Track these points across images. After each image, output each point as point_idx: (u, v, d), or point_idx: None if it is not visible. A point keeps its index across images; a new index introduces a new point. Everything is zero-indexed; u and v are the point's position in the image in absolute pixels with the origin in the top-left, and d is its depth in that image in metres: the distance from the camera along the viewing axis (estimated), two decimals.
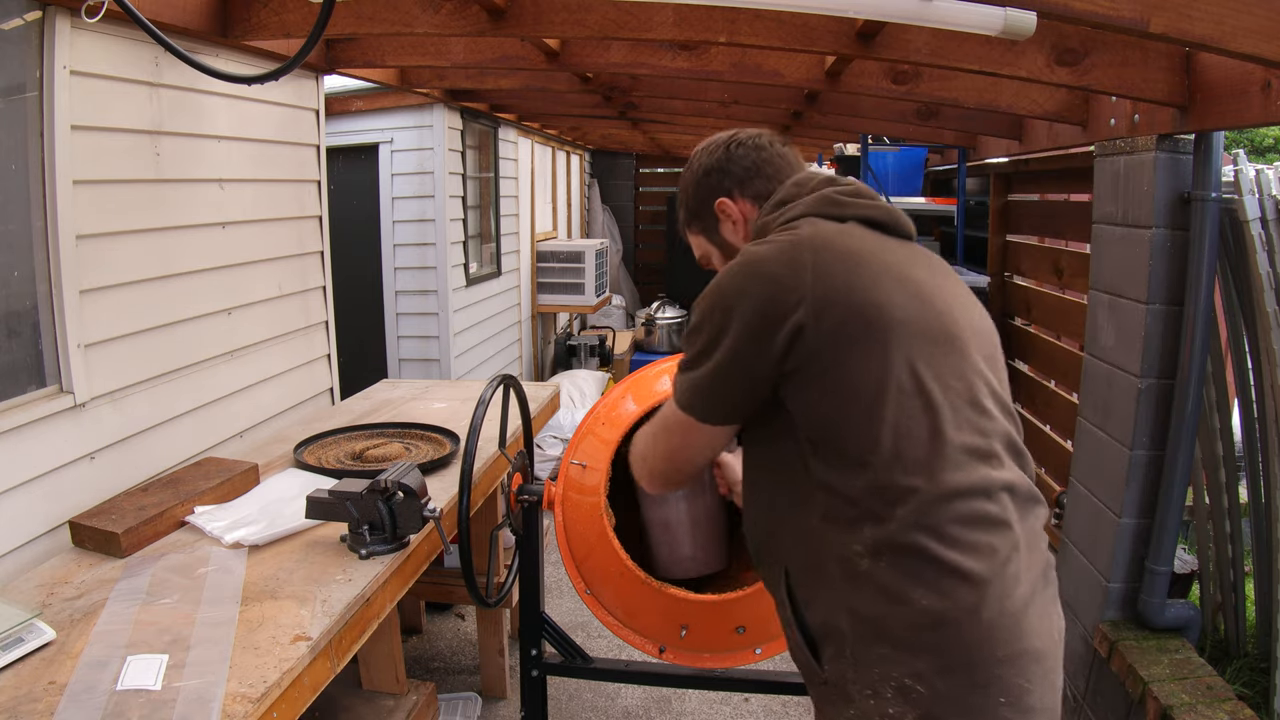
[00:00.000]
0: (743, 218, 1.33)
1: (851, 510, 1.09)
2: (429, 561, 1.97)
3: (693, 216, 1.40)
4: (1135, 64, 2.09)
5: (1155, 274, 2.26)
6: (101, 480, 2.01)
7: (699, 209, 1.37)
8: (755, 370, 1.11)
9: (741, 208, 1.33)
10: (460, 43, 2.96)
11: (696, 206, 1.37)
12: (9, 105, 1.83)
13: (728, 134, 1.36)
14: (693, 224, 1.41)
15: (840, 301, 1.08)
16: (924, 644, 1.06)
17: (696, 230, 1.40)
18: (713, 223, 1.37)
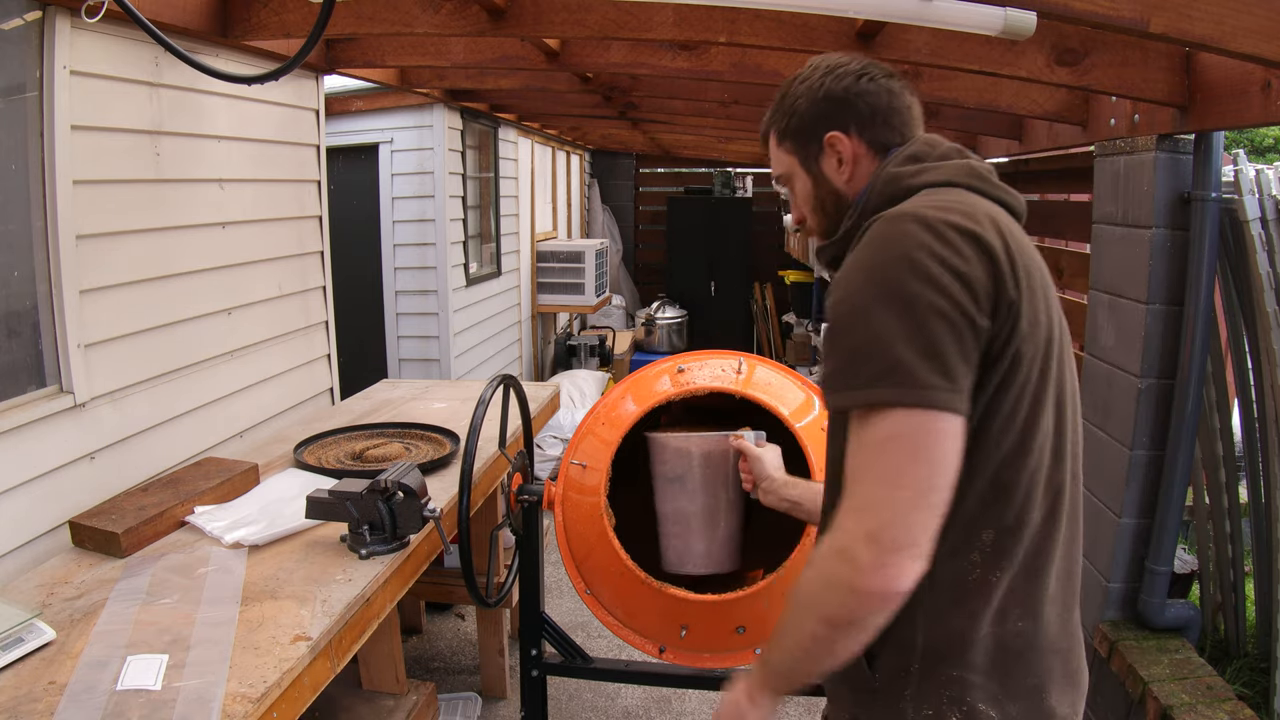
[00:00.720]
0: (853, 159, 1.17)
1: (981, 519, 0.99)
2: (429, 561, 1.97)
3: (792, 136, 1.21)
4: (1135, 64, 2.09)
5: (1155, 274, 2.26)
6: (101, 480, 2.01)
7: (804, 132, 1.19)
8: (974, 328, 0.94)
9: (855, 148, 1.16)
10: (460, 43, 2.96)
11: (801, 128, 1.19)
12: (9, 105, 1.83)
13: (860, 63, 1.18)
14: (787, 142, 1.22)
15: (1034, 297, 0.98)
16: (1008, 668, 1.03)
17: (789, 150, 1.22)
18: (815, 151, 1.19)
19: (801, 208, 1.25)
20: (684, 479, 1.76)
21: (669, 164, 8.99)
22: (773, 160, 1.27)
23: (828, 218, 1.21)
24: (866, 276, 0.96)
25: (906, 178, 1.09)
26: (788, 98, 1.21)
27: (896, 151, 1.14)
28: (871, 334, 0.92)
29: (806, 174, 1.21)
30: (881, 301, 0.93)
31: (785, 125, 1.22)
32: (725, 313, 8.08)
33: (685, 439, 1.76)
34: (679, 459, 1.75)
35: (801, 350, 6.47)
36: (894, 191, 1.08)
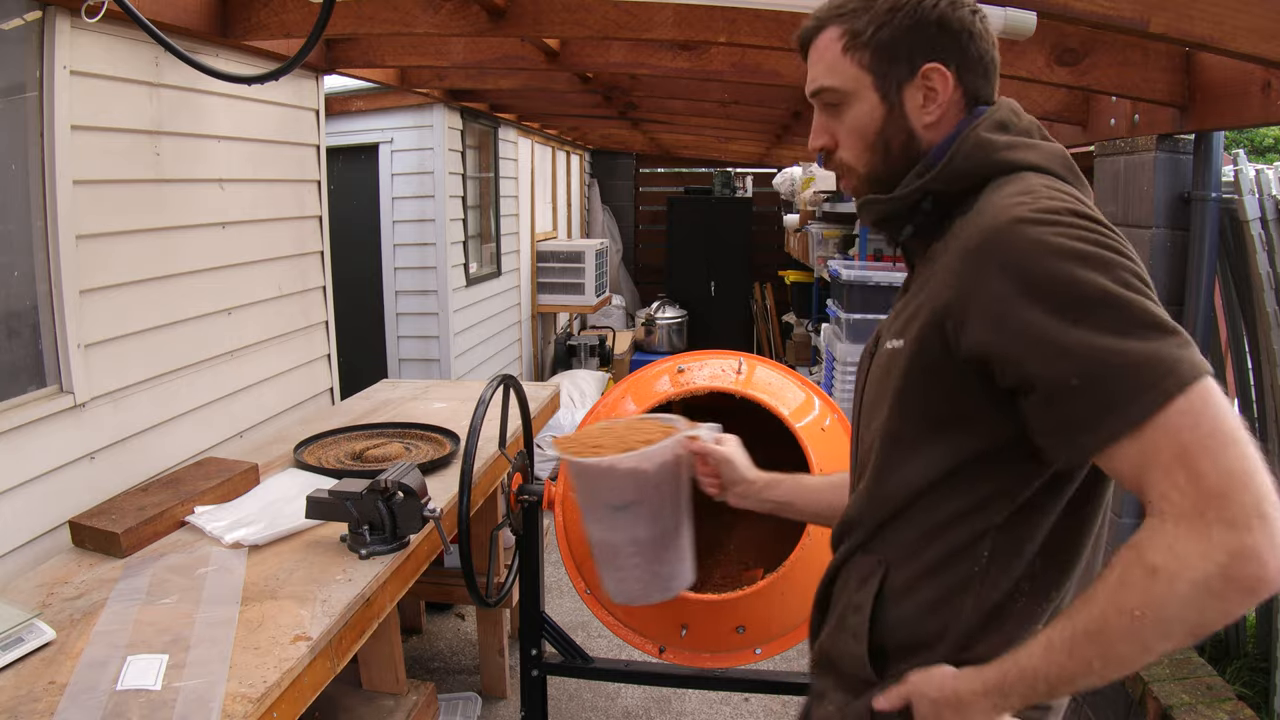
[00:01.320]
0: (945, 102, 0.97)
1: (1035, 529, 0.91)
2: (429, 561, 1.97)
3: (876, 48, 0.96)
4: (1135, 64, 2.10)
5: (1155, 274, 2.26)
6: (101, 480, 2.01)
7: (895, 48, 0.95)
8: None
9: (952, 90, 0.97)
10: (460, 43, 2.97)
11: (894, 43, 0.95)
12: (9, 105, 1.83)
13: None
14: (864, 53, 0.96)
15: None
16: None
17: (863, 64, 0.96)
18: (901, 76, 0.96)
19: (848, 136, 1.00)
20: (639, 504, 1.40)
21: (669, 164, 8.99)
22: (823, 66, 0.99)
23: (888, 160, 0.99)
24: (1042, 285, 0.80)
25: (1000, 149, 0.93)
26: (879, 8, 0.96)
27: (982, 111, 0.98)
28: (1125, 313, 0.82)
29: (881, 100, 0.97)
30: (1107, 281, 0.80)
31: (871, 31, 0.95)
32: (725, 313, 8.08)
33: (637, 458, 1.36)
34: (631, 483, 1.38)
35: (801, 350, 6.47)
36: (986, 161, 0.93)
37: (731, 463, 1.33)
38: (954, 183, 0.94)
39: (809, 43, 1.01)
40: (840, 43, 0.97)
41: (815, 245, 5.47)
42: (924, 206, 0.96)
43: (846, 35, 0.97)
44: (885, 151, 0.99)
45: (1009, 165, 0.93)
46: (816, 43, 1.00)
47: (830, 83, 0.99)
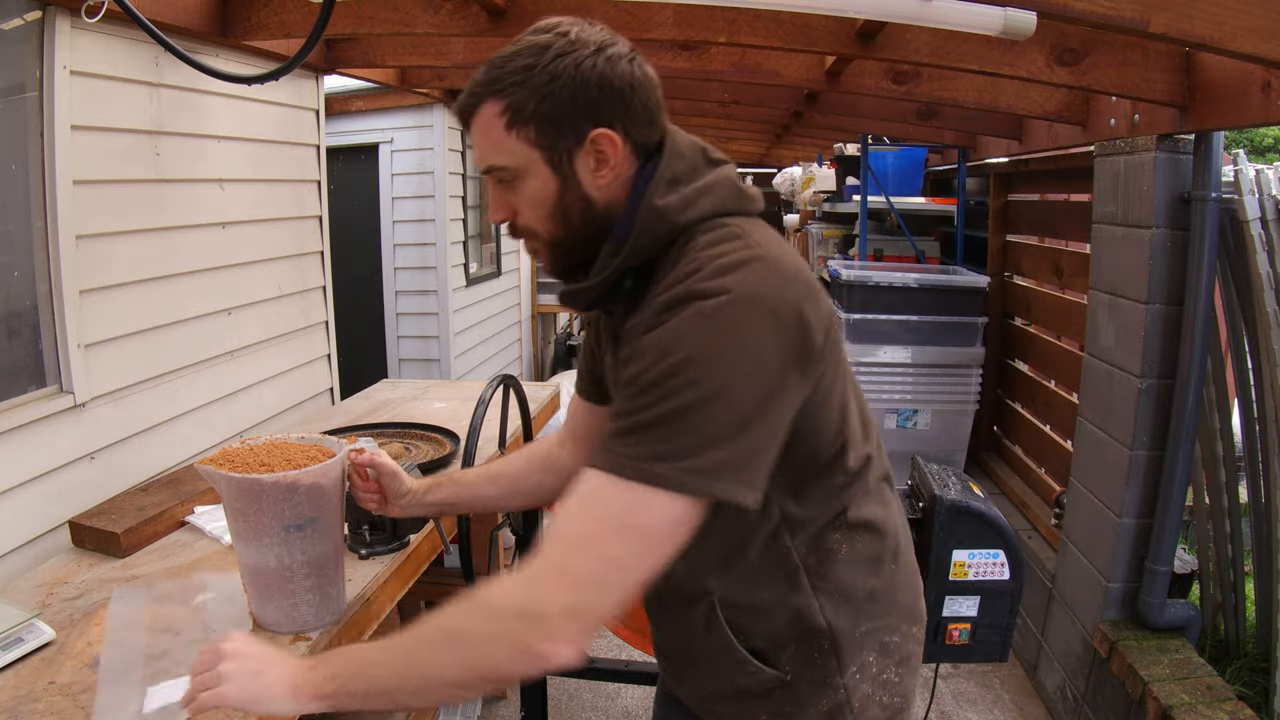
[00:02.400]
0: (617, 163, 0.96)
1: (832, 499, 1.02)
2: (429, 561, 1.97)
3: (539, 122, 0.93)
4: (1135, 64, 2.10)
5: (1155, 274, 2.26)
6: (101, 480, 2.01)
7: (560, 121, 0.93)
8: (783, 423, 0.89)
9: (624, 153, 0.96)
10: (460, 43, 2.97)
11: (556, 115, 0.92)
12: (9, 105, 1.83)
13: (626, 43, 0.97)
14: (527, 128, 0.93)
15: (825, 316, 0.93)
16: (894, 595, 1.10)
17: (527, 140, 0.94)
18: (568, 146, 0.94)
19: (527, 209, 0.98)
20: (317, 521, 1.37)
21: None
22: (489, 144, 0.96)
23: (569, 227, 0.98)
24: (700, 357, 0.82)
25: (675, 214, 0.94)
26: (539, 72, 0.92)
27: (654, 164, 0.97)
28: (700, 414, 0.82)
29: (552, 173, 0.95)
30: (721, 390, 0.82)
31: (534, 106, 0.92)
32: None
33: (319, 473, 1.34)
34: (311, 500, 1.34)
35: None
36: (668, 229, 0.94)
37: (397, 475, 1.35)
38: (644, 255, 0.95)
39: (469, 118, 0.97)
40: (503, 120, 0.94)
41: (815, 245, 5.47)
42: (625, 285, 0.98)
43: (509, 111, 0.93)
44: (565, 220, 0.98)
45: (685, 227, 0.94)
46: (478, 118, 0.96)
47: (500, 161, 0.96)
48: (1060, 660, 2.74)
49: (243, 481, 1.31)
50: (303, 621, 1.44)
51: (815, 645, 1.05)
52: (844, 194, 4.77)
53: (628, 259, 0.95)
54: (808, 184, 5.60)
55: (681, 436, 0.82)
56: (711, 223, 0.95)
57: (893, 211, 4.43)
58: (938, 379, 3.65)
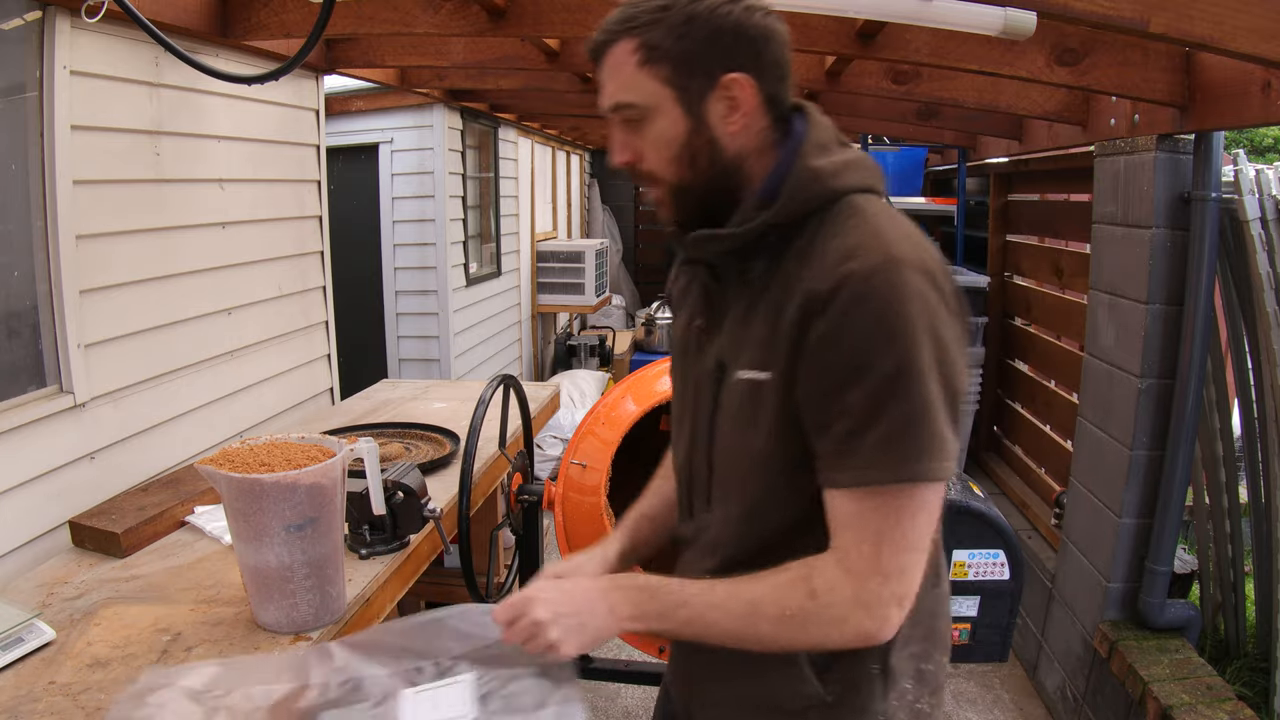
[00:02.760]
0: (748, 111, 0.96)
1: None
2: (429, 561, 1.97)
3: (673, 61, 0.93)
4: (1135, 64, 2.10)
5: (1155, 274, 2.26)
6: (101, 480, 2.01)
7: (694, 61, 0.93)
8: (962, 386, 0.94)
9: (755, 101, 0.96)
10: (460, 43, 2.97)
11: (690, 55, 0.93)
12: (9, 105, 1.83)
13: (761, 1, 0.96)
14: (661, 66, 0.94)
15: None
16: (935, 619, 1.08)
17: (660, 78, 0.94)
18: (701, 88, 0.94)
19: (652, 150, 0.98)
20: (317, 521, 1.38)
21: None
22: (619, 81, 0.96)
23: (695, 171, 0.98)
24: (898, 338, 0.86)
25: (830, 178, 0.95)
26: (676, 12, 0.92)
27: (799, 129, 0.99)
28: (919, 405, 0.87)
29: (683, 113, 0.95)
30: (921, 371, 0.87)
31: (668, 44, 0.92)
32: None
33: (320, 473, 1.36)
34: (312, 499, 1.36)
35: None
36: (821, 192, 0.95)
37: None
38: (793, 215, 0.95)
39: (600, 56, 0.97)
40: (636, 57, 0.94)
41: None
42: (770, 240, 0.97)
43: (643, 49, 0.93)
44: (692, 163, 0.97)
45: (840, 193, 0.95)
46: (609, 56, 0.96)
47: (629, 98, 0.96)
48: (1060, 660, 2.74)
49: (243, 481, 1.31)
50: (303, 621, 1.45)
51: (865, 666, 1.02)
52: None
53: (777, 214, 0.95)
54: None
55: (918, 438, 0.88)
56: (863, 196, 0.96)
57: None
58: None
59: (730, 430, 1.02)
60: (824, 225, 0.94)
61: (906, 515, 0.90)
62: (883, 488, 0.89)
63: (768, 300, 0.96)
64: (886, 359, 0.86)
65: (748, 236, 0.96)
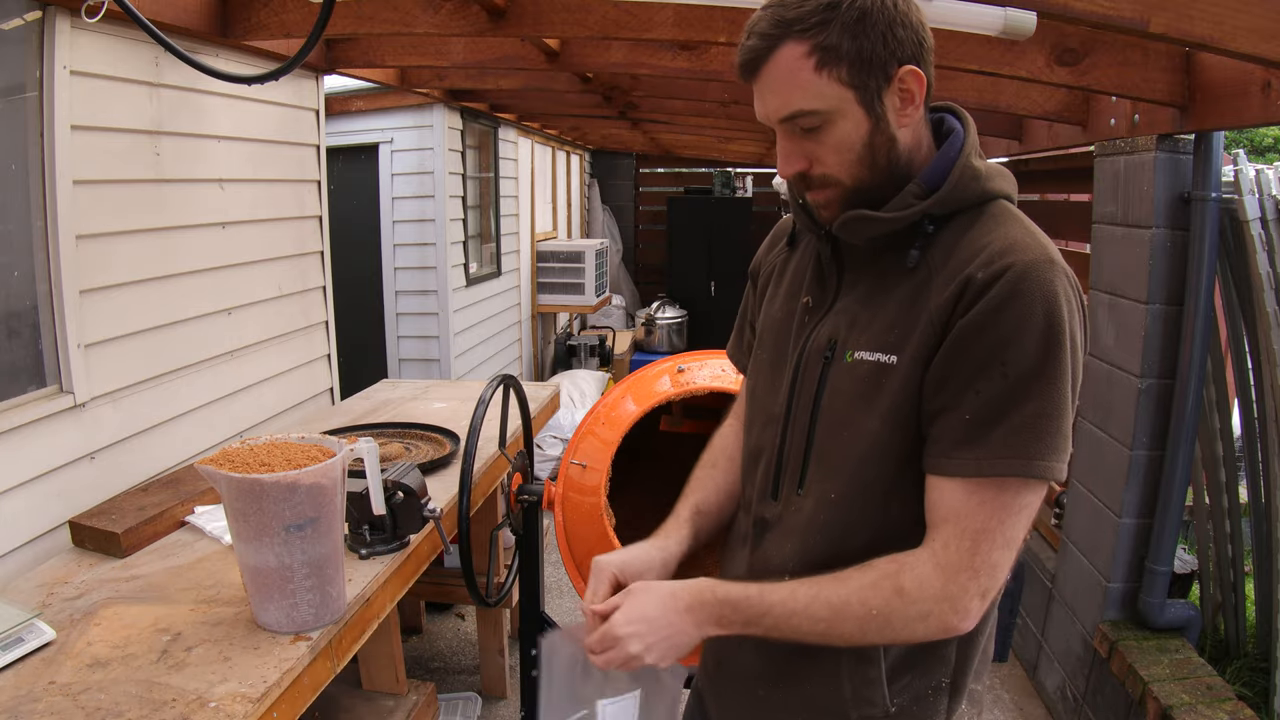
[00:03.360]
0: (919, 105, 0.95)
1: None
2: (429, 561, 1.97)
3: (854, 61, 0.90)
4: (1135, 64, 2.10)
5: (1155, 274, 2.26)
6: (101, 480, 2.01)
7: (873, 58, 0.90)
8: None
9: (924, 92, 0.95)
10: (460, 43, 2.97)
11: (871, 52, 0.90)
12: (9, 105, 1.83)
13: None
14: (839, 68, 0.90)
15: None
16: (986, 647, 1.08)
17: (840, 80, 0.91)
18: (878, 85, 0.92)
19: (833, 155, 0.95)
20: (317, 521, 1.39)
21: (669, 164, 8.99)
22: (793, 90, 0.92)
23: (874, 170, 0.96)
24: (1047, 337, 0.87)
25: (985, 180, 0.96)
26: (846, 10, 0.89)
27: (960, 130, 0.99)
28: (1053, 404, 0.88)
29: (866, 114, 0.93)
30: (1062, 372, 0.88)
31: (844, 45, 0.89)
32: (725, 313, 8.07)
33: (320, 473, 1.36)
34: (312, 499, 1.36)
35: None
36: (978, 191, 0.96)
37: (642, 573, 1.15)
38: (950, 207, 0.96)
39: (760, 65, 0.93)
40: (811, 60, 0.90)
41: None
42: (926, 227, 0.96)
43: (818, 51, 0.90)
44: (873, 162, 0.96)
45: (992, 195, 0.98)
46: (773, 64, 0.92)
47: (809, 105, 0.92)
48: (1060, 660, 2.74)
49: (243, 481, 1.31)
50: (303, 621, 1.45)
51: (934, 679, 1.01)
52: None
53: (936, 204, 0.95)
54: None
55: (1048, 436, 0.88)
56: (1009, 203, 0.99)
57: None
58: None
59: (839, 411, 1.00)
60: (975, 222, 0.96)
61: (1013, 511, 0.90)
62: (1001, 480, 0.89)
63: (906, 285, 0.96)
64: (1034, 354, 0.87)
65: (904, 221, 0.95)
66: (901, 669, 1.00)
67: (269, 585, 1.41)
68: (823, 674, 1.03)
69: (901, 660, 1.00)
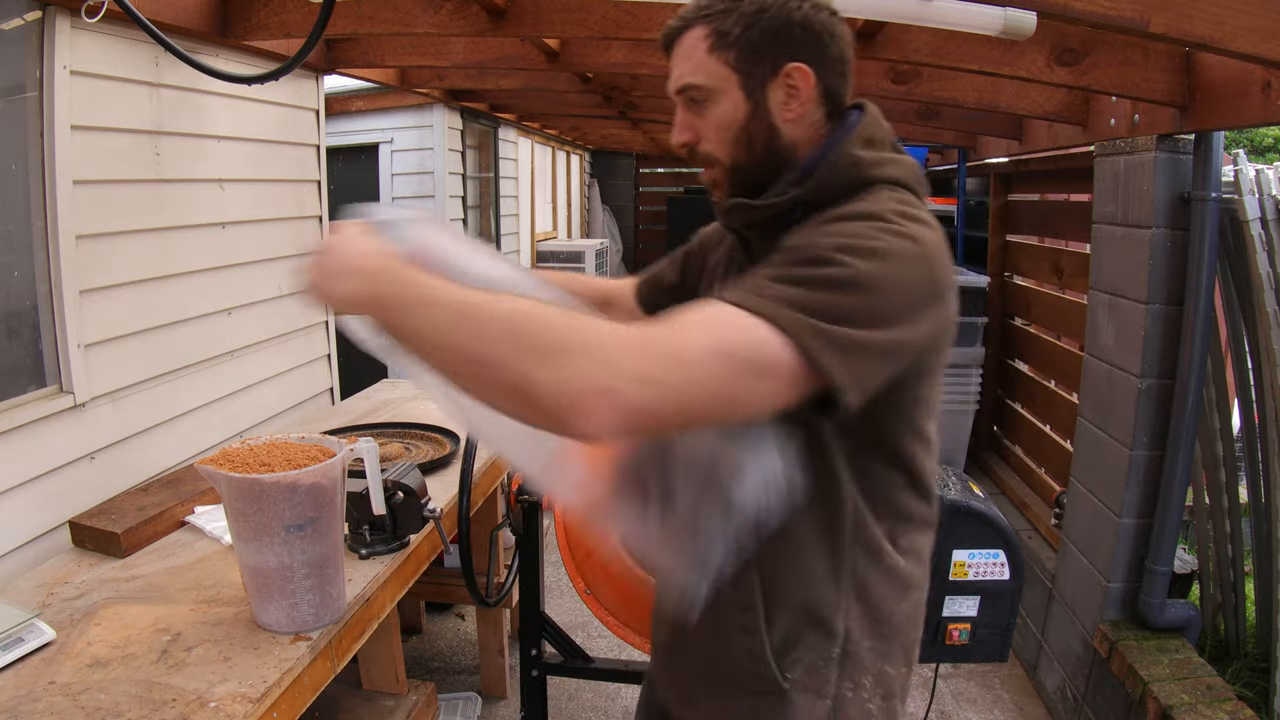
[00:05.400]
0: (806, 100, 1.01)
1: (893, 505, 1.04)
2: (429, 561, 1.97)
3: (740, 47, 0.98)
4: (1135, 64, 2.10)
5: (1155, 274, 2.26)
6: (101, 480, 2.01)
7: (760, 49, 0.98)
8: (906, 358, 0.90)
9: (814, 92, 1.00)
10: (460, 43, 2.97)
11: (759, 45, 0.98)
12: (9, 105, 1.83)
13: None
14: (729, 52, 0.99)
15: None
16: (904, 630, 1.09)
17: (727, 63, 0.99)
18: (764, 75, 0.99)
19: (712, 133, 1.03)
20: (317, 521, 1.39)
21: (669, 164, 8.99)
22: (689, 64, 1.01)
23: (751, 154, 1.02)
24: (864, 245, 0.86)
25: (869, 166, 0.99)
26: (746, 2, 0.98)
27: (854, 118, 1.03)
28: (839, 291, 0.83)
29: (746, 97, 1.00)
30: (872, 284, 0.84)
31: (736, 32, 0.98)
32: None
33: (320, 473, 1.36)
34: (312, 499, 1.37)
35: None
36: (855, 178, 0.98)
37: None
38: (824, 195, 0.99)
39: (674, 41, 1.03)
40: (707, 42, 0.99)
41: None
42: (795, 216, 1.00)
43: (713, 35, 0.99)
44: (749, 146, 1.02)
45: (873, 181, 0.99)
46: (682, 42, 1.02)
47: (696, 80, 1.01)
48: (1060, 660, 2.74)
49: (243, 481, 1.32)
50: (303, 621, 1.45)
51: (824, 651, 1.04)
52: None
53: (809, 192, 0.99)
54: None
55: (823, 301, 0.83)
56: (897, 190, 0.99)
57: None
58: None
59: None
60: (848, 204, 0.96)
61: (727, 346, 0.80)
62: (734, 309, 0.82)
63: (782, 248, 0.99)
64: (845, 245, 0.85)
65: (777, 209, 1.01)
66: (788, 645, 1.03)
67: (269, 585, 1.41)
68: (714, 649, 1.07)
69: (786, 637, 1.03)
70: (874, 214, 0.91)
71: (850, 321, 0.82)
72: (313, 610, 1.45)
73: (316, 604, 1.45)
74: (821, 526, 1.01)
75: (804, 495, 0.95)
